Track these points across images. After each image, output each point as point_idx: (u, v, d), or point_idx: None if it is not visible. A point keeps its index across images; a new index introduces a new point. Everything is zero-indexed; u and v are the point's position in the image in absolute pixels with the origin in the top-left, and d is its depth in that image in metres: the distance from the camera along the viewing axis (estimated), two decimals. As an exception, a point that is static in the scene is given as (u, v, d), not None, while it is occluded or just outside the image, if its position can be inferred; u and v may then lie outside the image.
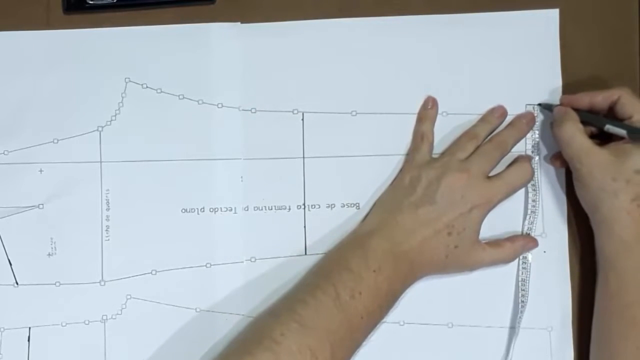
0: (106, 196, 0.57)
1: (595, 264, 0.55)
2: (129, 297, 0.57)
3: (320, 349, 0.48)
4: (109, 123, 0.57)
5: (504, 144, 0.55)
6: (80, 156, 0.57)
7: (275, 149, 0.57)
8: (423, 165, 0.54)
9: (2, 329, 0.56)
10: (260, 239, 0.57)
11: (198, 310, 0.56)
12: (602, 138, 0.54)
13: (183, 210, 0.57)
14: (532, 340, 0.56)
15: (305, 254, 0.56)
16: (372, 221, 0.54)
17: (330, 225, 0.57)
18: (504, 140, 0.55)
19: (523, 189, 0.56)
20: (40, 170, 0.57)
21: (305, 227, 0.57)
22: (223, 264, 0.56)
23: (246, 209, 0.57)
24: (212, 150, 0.57)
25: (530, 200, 0.56)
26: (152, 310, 0.56)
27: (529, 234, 0.56)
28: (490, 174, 0.54)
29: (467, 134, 0.55)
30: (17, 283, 0.57)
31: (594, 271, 0.55)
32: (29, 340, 0.56)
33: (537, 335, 0.56)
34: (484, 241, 0.54)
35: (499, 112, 0.56)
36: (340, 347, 0.49)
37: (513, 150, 0.55)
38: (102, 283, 0.57)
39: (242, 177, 0.57)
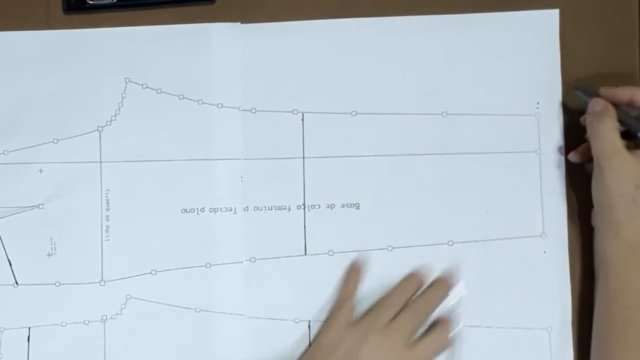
0: (106, 196, 0.57)
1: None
2: (128, 297, 0.57)
3: None
4: (109, 123, 0.57)
5: (424, 308, 0.54)
6: (80, 156, 0.57)
7: (275, 149, 0.57)
8: (344, 327, 0.54)
9: (2, 329, 0.57)
10: (260, 239, 0.57)
11: (198, 310, 0.56)
12: (626, 137, 0.53)
13: (183, 211, 0.57)
14: (532, 340, 0.56)
15: (305, 254, 0.56)
16: None
17: (330, 225, 0.56)
18: (424, 304, 0.55)
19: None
20: (40, 170, 0.57)
21: (305, 227, 0.57)
22: (223, 264, 0.56)
23: (246, 209, 0.57)
24: (212, 151, 0.57)
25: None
26: (152, 310, 0.56)
27: None
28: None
29: (389, 299, 0.55)
30: (16, 283, 0.57)
31: (594, 272, 0.55)
32: (28, 340, 0.56)
33: (537, 335, 0.56)
34: None
35: (419, 275, 0.56)
36: None
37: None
38: (102, 283, 0.57)
39: (242, 177, 0.57)
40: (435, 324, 0.55)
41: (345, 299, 0.55)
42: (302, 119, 0.57)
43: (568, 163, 0.56)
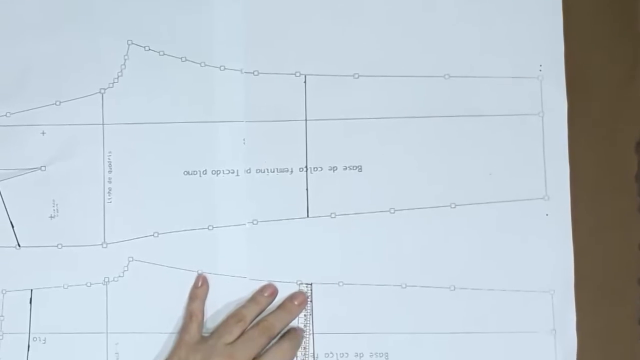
0: (108, 158, 0.57)
1: (598, 225, 0.55)
2: (130, 259, 0.57)
3: None
4: (111, 85, 0.57)
5: (271, 328, 0.54)
6: (83, 118, 0.57)
7: (277, 111, 0.57)
8: (191, 347, 0.53)
9: (3, 291, 0.56)
10: (262, 201, 0.57)
11: (200, 272, 0.56)
12: None
13: (185, 173, 0.57)
14: (534, 303, 0.56)
15: (308, 216, 0.56)
16: None
17: (332, 187, 0.56)
18: (271, 324, 0.54)
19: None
20: (43, 133, 0.57)
21: (307, 189, 0.57)
22: (225, 226, 0.56)
23: (248, 171, 0.57)
24: (215, 113, 0.57)
25: None
26: (154, 272, 0.56)
27: None
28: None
29: (235, 316, 0.55)
30: (19, 245, 0.57)
31: (596, 234, 0.56)
32: (30, 302, 0.56)
33: (539, 298, 0.56)
34: None
35: (269, 291, 0.56)
36: None
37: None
38: (104, 245, 0.57)
39: (244, 139, 0.57)
40: (282, 337, 0.55)
41: (190, 317, 0.55)
42: (305, 82, 0.57)
43: (571, 126, 0.56)
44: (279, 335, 0.55)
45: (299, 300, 0.56)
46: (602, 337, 0.56)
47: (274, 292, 0.56)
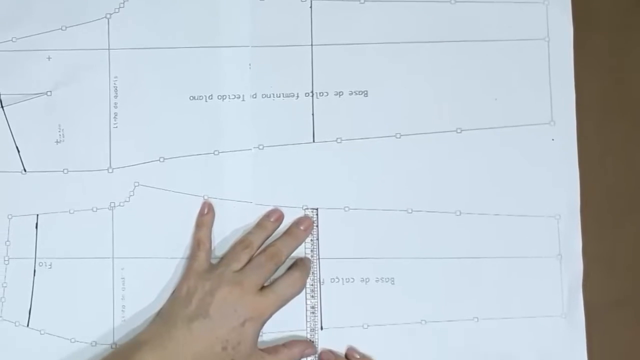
0: (114, 83, 0.57)
1: (603, 150, 0.55)
2: (136, 184, 0.56)
3: None
4: (117, 10, 0.57)
5: (278, 254, 0.54)
6: (89, 43, 0.57)
7: (283, 36, 0.57)
8: (200, 275, 0.53)
9: (10, 216, 0.56)
10: (268, 126, 0.57)
11: (206, 197, 0.56)
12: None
13: (191, 98, 0.57)
14: (540, 228, 0.56)
15: (314, 141, 0.56)
16: (148, 332, 0.53)
17: (338, 112, 0.56)
18: (278, 250, 0.54)
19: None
20: (48, 58, 0.57)
21: (313, 114, 0.57)
22: (231, 151, 0.56)
23: (254, 96, 0.57)
24: (220, 38, 0.57)
25: (309, 307, 0.56)
26: (160, 197, 0.56)
27: (311, 339, 0.56)
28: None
29: (242, 243, 0.55)
30: (25, 170, 0.57)
31: (602, 159, 0.56)
32: (36, 227, 0.56)
33: (545, 223, 0.56)
34: (262, 347, 0.53)
35: (275, 216, 0.56)
36: None
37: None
38: (110, 170, 0.57)
39: (250, 64, 0.57)
40: (292, 266, 0.55)
41: (198, 245, 0.55)
42: (311, 6, 0.57)
43: (577, 51, 0.56)
44: (289, 264, 0.55)
45: (305, 225, 0.56)
46: (607, 261, 0.56)
47: (280, 217, 0.56)
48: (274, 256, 0.54)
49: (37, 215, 0.56)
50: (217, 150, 0.56)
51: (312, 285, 0.56)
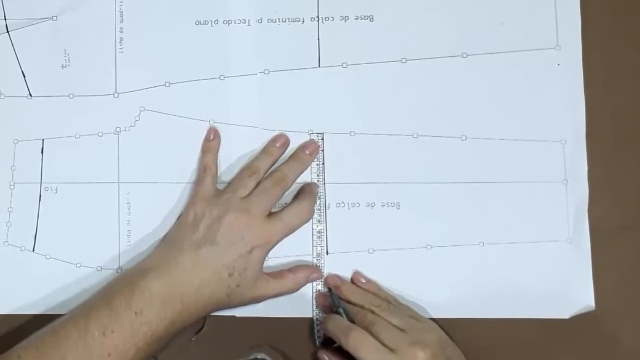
0: (120, 8, 0.57)
1: (610, 75, 0.55)
2: (142, 109, 0.56)
3: None
4: None
5: (285, 179, 0.54)
6: (94, -32, 0.57)
7: (289, -39, 0.57)
8: (207, 201, 0.53)
9: (15, 141, 0.57)
10: (274, 51, 0.56)
11: (212, 122, 0.56)
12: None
13: (197, 23, 0.57)
14: (546, 153, 0.56)
15: (319, 66, 0.56)
16: (153, 259, 0.52)
17: (344, 37, 0.56)
18: (285, 175, 0.54)
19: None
20: (54, -17, 0.57)
21: (319, 39, 0.56)
22: (237, 76, 0.56)
23: (260, 21, 0.57)
24: (226, -37, 0.57)
25: (315, 232, 0.56)
26: (165, 122, 0.56)
27: (316, 264, 0.56)
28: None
29: (249, 169, 0.54)
30: (30, 95, 0.57)
31: (608, 83, 0.56)
32: (42, 152, 0.56)
33: (551, 148, 0.56)
34: (268, 271, 0.54)
35: (281, 141, 0.55)
36: None
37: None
38: (116, 95, 0.57)
39: (256, -11, 0.57)
40: (300, 193, 0.55)
41: (205, 170, 0.55)
42: None
43: (583, -26, 0.56)
44: (296, 190, 0.55)
45: (310, 150, 0.56)
46: (613, 187, 0.56)
47: (286, 143, 0.56)
48: (280, 181, 0.54)
49: (43, 140, 0.56)
50: (222, 75, 0.56)
51: (318, 210, 0.56)
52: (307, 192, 0.55)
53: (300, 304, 0.55)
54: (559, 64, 0.56)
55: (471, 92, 0.56)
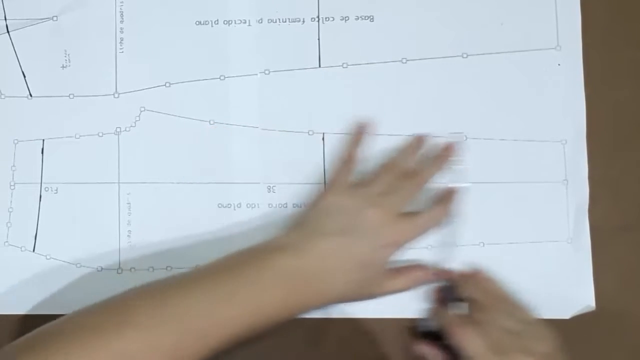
0: (120, 8, 0.57)
1: (610, 75, 0.55)
2: (142, 109, 0.56)
3: (172, 332, 0.46)
4: None
5: (422, 179, 0.54)
6: (94, -32, 0.57)
7: (289, -39, 0.57)
8: (344, 191, 0.53)
9: (15, 141, 0.57)
10: (274, 51, 0.56)
11: (212, 122, 0.56)
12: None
13: (197, 23, 0.57)
14: (546, 153, 0.56)
15: (319, 66, 0.56)
16: (286, 238, 0.52)
17: (344, 37, 0.56)
18: (423, 175, 0.54)
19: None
20: (54, -17, 0.57)
21: (319, 39, 0.56)
22: (237, 76, 0.56)
23: (260, 21, 0.57)
24: (226, -37, 0.57)
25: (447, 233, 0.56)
26: (165, 122, 0.56)
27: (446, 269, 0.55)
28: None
29: (387, 165, 0.54)
30: (30, 95, 0.57)
31: (608, 83, 0.56)
32: (42, 152, 0.56)
33: (551, 148, 0.56)
34: (389, 268, 0.53)
35: (421, 140, 0.55)
36: (196, 340, 0.46)
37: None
38: (116, 95, 0.57)
39: (256, -11, 0.57)
40: (435, 198, 0.55)
41: (347, 163, 0.55)
42: None
43: (583, -25, 0.56)
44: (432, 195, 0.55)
45: (451, 151, 0.55)
46: (613, 187, 0.56)
47: (426, 141, 0.55)
48: (417, 181, 0.54)
49: (43, 140, 0.56)
50: (223, 75, 0.56)
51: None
52: (444, 196, 0.55)
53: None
54: (559, 64, 0.56)
55: (471, 92, 0.56)
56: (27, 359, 0.43)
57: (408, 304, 0.55)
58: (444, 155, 0.55)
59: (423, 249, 0.55)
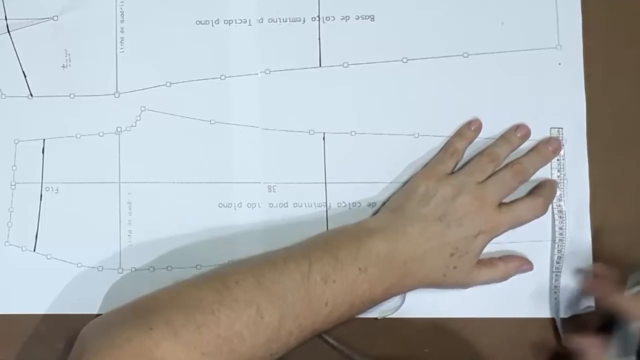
0: (121, 8, 0.57)
1: (610, 75, 0.55)
2: (143, 108, 0.56)
3: (269, 310, 0.47)
4: None
5: (524, 172, 0.54)
6: (95, -32, 0.57)
7: (289, -40, 0.57)
8: (441, 178, 0.53)
9: (16, 141, 0.56)
10: (274, 50, 0.56)
11: (212, 122, 0.56)
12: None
13: (197, 22, 0.57)
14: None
15: (320, 65, 0.56)
16: (379, 221, 0.53)
17: (344, 37, 0.56)
18: (525, 168, 0.54)
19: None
20: (55, -18, 0.57)
21: (319, 39, 0.56)
22: (237, 75, 0.56)
23: (260, 20, 0.57)
24: (227, -38, 0.57)
25: (557, 228, 0.55)
26: (166, 122, 0.56)
27: (559, 261, 0.55)
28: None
29: (488, 155, 0.54)
30: (31, 95, 0.57)
31: (609, 82, 0.56)
32: (43, 152, 0.56)
33: (551, 147, 0.56)
34: (481, 258, 0.53)
35: (523, 132, 0.55)
36: (292, 320, 0.47)
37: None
38: (117, 95, 0.57)
39: (256, -12, 0.57)
40: (535, 189, 0.55)
41: (449, 152, 0.55)
42: None
43: (583, -27, 0.56)
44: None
45: (553, 147, 0.55)
46: (613, 186, 0.56)
47: (527, 133, 0.55)
48: (519, 173, 0.53)
49: (44, 140, 0.56)
50: (223, 75, 0.56)
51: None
52: (544, 188, 0.55)
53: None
54: (559, 64, 0.56)
55: (472, 92, 0.56)
56: (134, 321, 0.45)
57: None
58: (545, 148, 0.55)
59: (509, 244, 0.55)
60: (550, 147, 0.55)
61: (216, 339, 0.45)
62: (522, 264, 0.54)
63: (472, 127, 0.55)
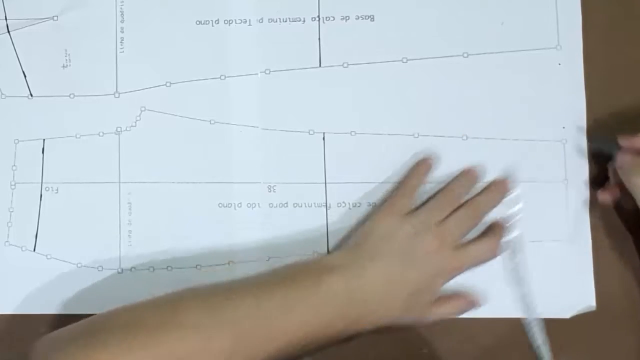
0: (120, 8, 0.57)
1: (610, 75, 0.56)
2: (143, 109, 0.56)
3: (218, 335, 0.46)
4: None
5: (482, 212, 0.54)
6: (95, -32, 0.57)
7: (289, -40, 0.57)
8: (402, 217, 0.53)
9: (16, 141, 0.57)
10: (274, 50, 0.56)
11: (212, 122, 0.56)
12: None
13: (197, 22, 0.57)
14: (546, 152, 0.56)
15: (320, 66, 0.56)
16: (339, 258, 0.52)
17: (344, 37, 0.56)
18: (483, 207, 0.54)
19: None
20: (55, -18, 0.57)
21: (319, 39, 0.56)
22: (237, 75, 0.56)
23: (260, 20, 0.57)
24: (227, -38, 0.57)
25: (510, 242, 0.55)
26: (166, 122, 0.56)
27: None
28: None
29: (447, 195, 0.54)
30: (31, 95, 0.57)
31: (609, 82, 0.56)
32: (43, 152, 0.56)
33: (551, 147, 0.56)
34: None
35: (475, 173, 0.55)
36: (244, 347, 0.47)
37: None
38: (117, 95, 0.57)
39: (256, -12, 0.57)
40: (488, 230, 0.55)
41: (408, 190, 0.54)
42: None
43: (584, -25, 0.56)
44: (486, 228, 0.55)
45: (505, 184, 0.55)
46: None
47: (479, 174, 0.55)
48: (476, 213, 0.54)
49: (44, 140, 0.56)
50: (223, 75, 0.56)
51: None
52: (495, 228, 0.55)
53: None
54: (559, 64, 0.56)
55: (472, 92, 0.56)
56: (71, 351, 0.44)
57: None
58: (500, 188, 0.55)
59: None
60: (505, 184, 0.55)
61: None
62: (473, 301, 0.54)
63: (426, 164, 0.55)
